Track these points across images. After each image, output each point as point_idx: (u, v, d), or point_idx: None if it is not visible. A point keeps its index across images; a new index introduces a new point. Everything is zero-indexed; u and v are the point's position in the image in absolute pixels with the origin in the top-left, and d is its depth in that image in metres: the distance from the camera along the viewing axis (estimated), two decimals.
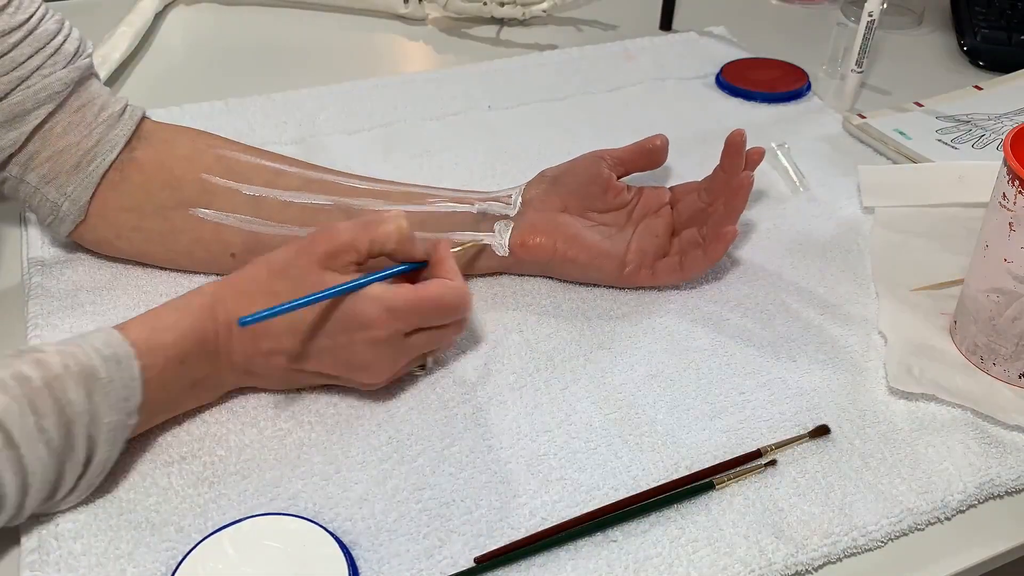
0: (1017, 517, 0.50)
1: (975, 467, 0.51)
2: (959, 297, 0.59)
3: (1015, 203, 0.51)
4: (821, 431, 0.53)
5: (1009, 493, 0.51)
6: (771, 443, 0.52)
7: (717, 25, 0.98)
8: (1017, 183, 0.51)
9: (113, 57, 0.86)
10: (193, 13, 1.01)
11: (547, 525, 0.48)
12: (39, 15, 0.56)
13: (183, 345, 0.49)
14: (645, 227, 0.63)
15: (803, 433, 0.53)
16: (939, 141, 0.78)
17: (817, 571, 0.47)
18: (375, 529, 0.48)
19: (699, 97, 0.87)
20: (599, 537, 0.48)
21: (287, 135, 0.79)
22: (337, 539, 0.46)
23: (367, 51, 0.95)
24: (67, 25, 0.59)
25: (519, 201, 0.62)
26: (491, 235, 0.61)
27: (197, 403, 0.53)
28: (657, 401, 0.55)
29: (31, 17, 0.56)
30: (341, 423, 0.53)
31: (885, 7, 0.80)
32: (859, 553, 0.48)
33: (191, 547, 0.45)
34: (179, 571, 0.44)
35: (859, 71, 0.83)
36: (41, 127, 0.57)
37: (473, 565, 0.46)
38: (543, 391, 0.56)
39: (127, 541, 0.47)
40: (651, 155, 0.65)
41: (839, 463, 0.51)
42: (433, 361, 0.56)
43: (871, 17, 0.80)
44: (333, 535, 0.46)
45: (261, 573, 0.44)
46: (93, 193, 0.59)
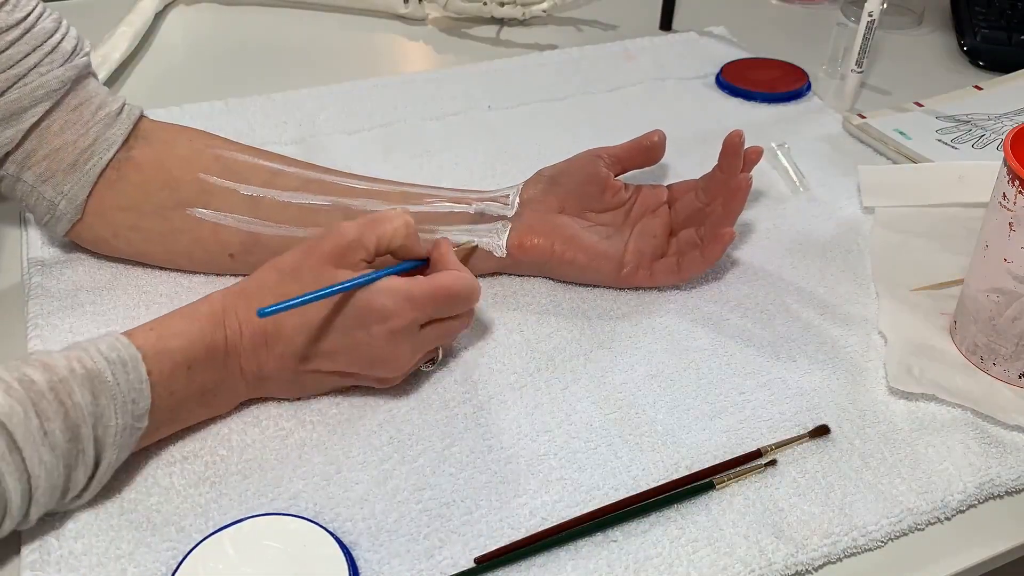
0: (1017, 517, 0.50)
1: (975, 467, 0.51)
2: (959, 297, 0.59)
3: (1015, 203, 0.51)
4: (821, 431, 0.53)
5: (1009, 493, 0.51)
6: (771, 443, 0.52)
7: (717, 25, 0.98)
8: (1017, 183, 0.51)
9: (113, 57, 0.86)
10: (193, 13, 1.01)
11: (547, 525, 0.48)
12: (36, 13, 0.56)
13: (191, 351, 0.49)
14: (643, 227, 0.63)
15: (803, 433, 0.53)
16: (939, 141, 0.78)
17: (817, 571, 0.47)
18: (375, 529, 0.48)
19: (699, 97, 0.87)
20: (599, 537, 0.48)
21: (287, 135, 0.79)
22: (337, 539, 0.46)
23: (367, 51, 0.95)
24: (64, 24, 0.59)
25: (517, 202, 0.62)
26: (489, 237, 0.61)
27: (210, 413, 0.52)
28: (657, 401, 0.55)
29: (28, 15, 0.56)
30: (342, 423, 0.53)
31: (885, 7, 0.80)
32: (859, 553, 0.48)
33: (192, 547, 0.45)
34: (179, 571, 0.44)
35: (859, 71, 0.83)
36: (38, 125, 0.57)
37: (473, 565, 0.46)
38: (543, 391, 0.56)
39: (128, 541, 0.47)
40: (649, 152, 0.65)
41: (839, 463, 0.52)
42: (442, 355, 0.56)
43: (871, 17, 0.80)
44: (333, 535, 0.46)
45: (261, 573, 0.44)
46: (90, 192, 0.59)
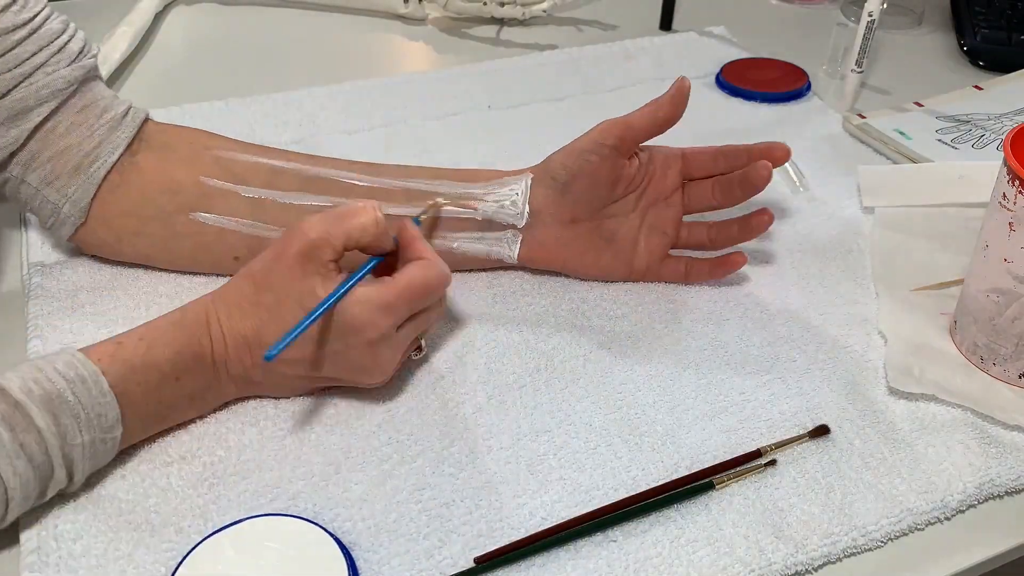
0: (1017, 517, 0.50)
1: (975, 467, 0.51)
2: (959, 297, 0.59)
3: (1015, 203, 0.51)
4: (821, 431, 0.53)
5: (1009, 493, 0.51)
6: (771, 443, 0.52)
7: (717, 25, 0.98)
8: (1017, 183, 0.51)
9: (113, 57, 0.86)
10: (193, 13, 1.01)
11: (547, 525, 0.48)
12: (44, 14, 0.56)
13: (179, 361, 0.49)
14: (654, 219, 0.63)
15: (803, 433, 0.53)
16: (939, 141, 0.78)
17: (817, 571, 0.47)
18: (375, 530, 0.48)
19: (699, 97, 0.85)
20: (599, 537, 0.48)
21: (287, 135, 0.79)
22: (337, 540, 0.46)
23: (367, 51, 0.95)
24: (72, 26, 0.59)
25: (527, 211, 0.61)
26: (499, 247, 0.61)
27: (198, 412, 0.53)
28: (657, 401, 0.55)
29: (36, 16, 0.56)
30: (341, 423, 0.53)
31: (885, 7, 0.80)
32: (859, 553, 0.48)
33: (191, 548, 0.45)
34: (179, 572, 0.44)
35: (859, 71, 0.83)
36: (43, 125, 0.57)
37: (473, 565, 0.46)
38: (543, 391, 0.56)
39: (127, 542, 0.47)
40: (663, 126, 0.62)
41: (839, 463, 0.51)
42: (426, 343, 0.56)
43: (871, 17, 0.80)
44: (333, 536, 0.46)
45: (261, 574, 0.44)
46: (94, 196, 0.59)
